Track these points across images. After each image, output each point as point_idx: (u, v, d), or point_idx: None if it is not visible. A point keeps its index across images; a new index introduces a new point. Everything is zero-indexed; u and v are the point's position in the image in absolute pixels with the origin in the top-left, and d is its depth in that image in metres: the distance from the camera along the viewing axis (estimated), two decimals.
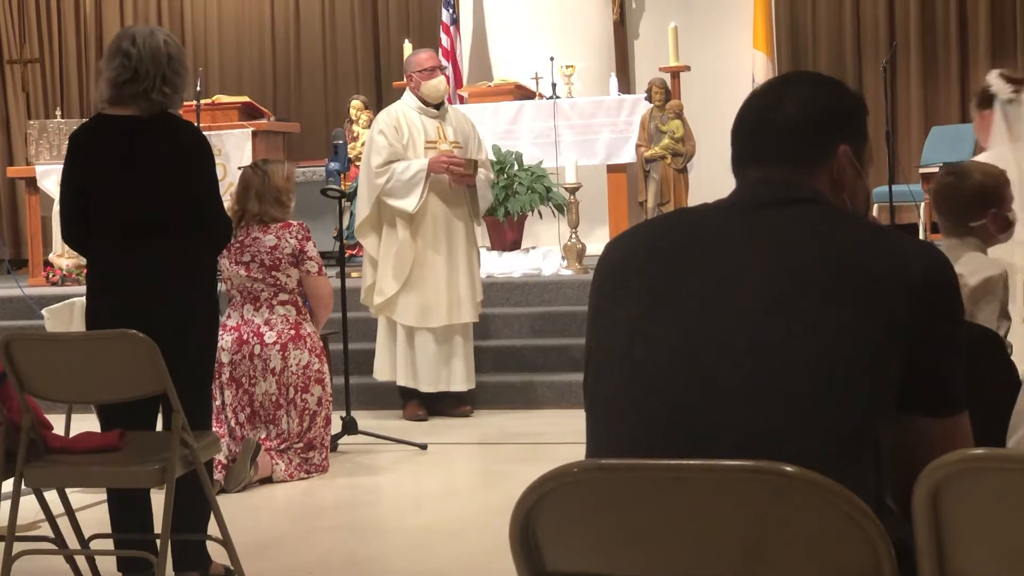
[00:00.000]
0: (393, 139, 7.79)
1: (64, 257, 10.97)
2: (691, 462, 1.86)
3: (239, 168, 7.12)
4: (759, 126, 2.28)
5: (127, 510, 4.68)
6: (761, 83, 2.43)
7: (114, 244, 4.63)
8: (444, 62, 8.30)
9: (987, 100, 6.19)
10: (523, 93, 11.05)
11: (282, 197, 6.58)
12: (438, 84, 7.93)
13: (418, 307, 7.82)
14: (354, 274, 9.42)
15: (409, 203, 7.73)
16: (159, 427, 4.73)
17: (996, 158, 5.78)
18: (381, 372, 8.04)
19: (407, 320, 7.84)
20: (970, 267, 4.05)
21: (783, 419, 1.98)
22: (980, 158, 6.09)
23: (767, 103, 2.29)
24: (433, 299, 7.81)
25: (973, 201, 4.22)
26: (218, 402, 6.42)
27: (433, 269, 7.82)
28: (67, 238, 4.78)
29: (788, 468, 1.80)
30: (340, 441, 7.15)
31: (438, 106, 7.95)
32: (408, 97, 8.00)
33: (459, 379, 7.97)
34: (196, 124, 9.67)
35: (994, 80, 6.18)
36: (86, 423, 5.00)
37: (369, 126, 10.72)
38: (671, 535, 1.88)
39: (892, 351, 2.03)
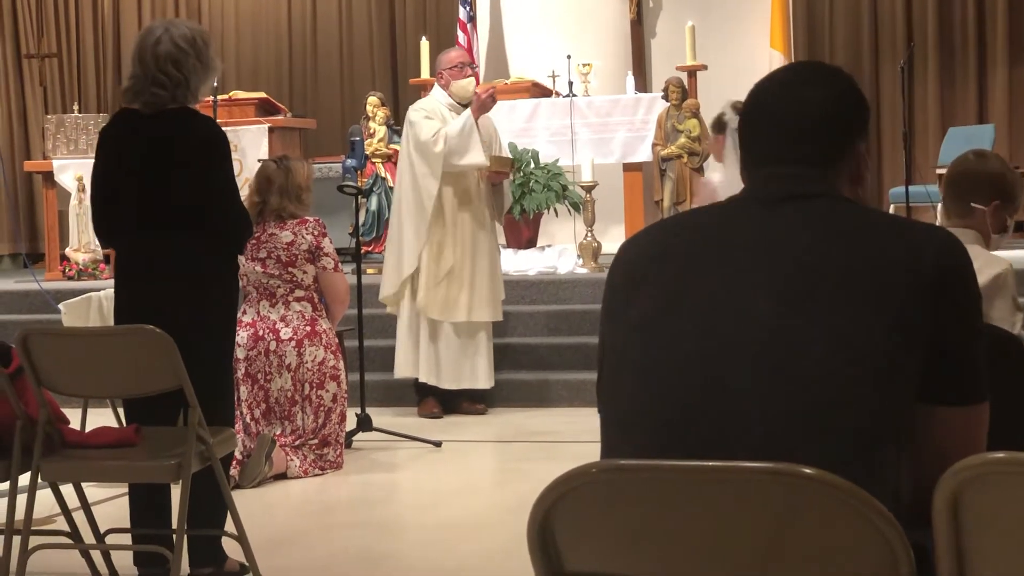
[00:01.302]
0: (439, 121, 7.78)
1: (80, 252, 10.99)
2: (710, 464, 1.86)
3: (259, 161, 7.11)
4: (779, 127, 2.25)
5: (147, 505, 4.69)
6: (768, 79, 2.37)
7: (129, 239, 4.67)
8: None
9: (721, 127, 7.13)
10: (540, 91, 11.05)
11: (303, 196, 6.61)
12: (468, 84, 7.92)
13: (443, 301, 7.82)
14: (369, 270, 9.44)
15: (477, 156, 7.68)
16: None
17: (727, 177, 6.84)
18: (404, 368, 8.01)
19: (432, 313, 7.82)
20: (977, 264, 4.05)
21: (798, 421, 1.98)
22: (713, 176, 7.09)
23: (786, 104, 2.26)
24: (456, 295, 7.82)
25: (986, 183, 4.22)
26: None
27: (459, 265, 7.82)
28: (95, 231, 4.83)
29: (807, 470, 1.79)
30: (355, 438, 7.16)
31: (467, 105, 7.95)
32: (439, 94, 7.99)
33: (481, 377, 7.97)
34: (214, 118, 9.69)
35: (728, 110, 7.05)
36: (102, 418, 5.02)
37: (385, 123, 10.77)
38: (689, 536, 1.88)
39: (909, 346, 2.01)
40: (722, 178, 7.06)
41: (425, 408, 8.03)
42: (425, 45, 11.11)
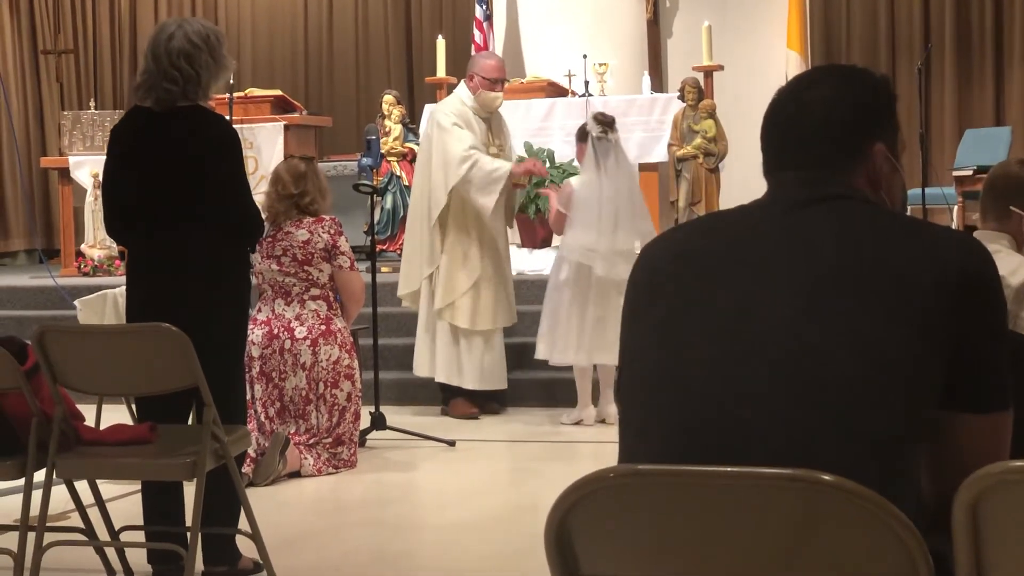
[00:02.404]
0: (469, 131, 7.76)
1: (96, 248, 11.01)
2: (728, 469, 1.85)
3: (289, 157, 7.12)
4: (788, 133, 2.25)
5: (160, 503, 4.70)
6: (786, 83, 2.37)
7: (141, 237, 4.68)
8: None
9: (584, 136, 7.74)
10: (555, 90, 11.04)
11: (328, 195, 6.66)
12: (495, 99, 7.87)
13: (471, 311, 7.79)
14: (384, 269, 9.44)
15: (488, 201, 7.64)
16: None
17: (587, 181, 7.63)
18: (421, 367, 8.00)
19: (461, 322, 7.81)
20: (1010, 267, 4.05)
21: (819, 427, 1.97)
22: (574, 180, 7.76)
23: (795, 109, 2.25)
24: (486, 303, 7.80)
25: None
26: (248, 396, 6.44)
27: (488, 274, 7.81)
28: (107, 230, 4.85)
29: (825, 476, 1.79)
30: (368, 436, 7.16)
31: (490, 113, 7.93)
32: (465, 95, 7.90)
33: (501, 377, 7.96)
34: (228, 117, 9.70)
35: (589, 121, 7.72)
36: (117, 415, 5.02)
37: (401, 121, 10.76)
38: (706, 542, 1.87)
39: (932, 352, 2.00)
40: (579, 183, 7.68)
41: (460, 409, 7.96)
42: (441, 43, 11.11)
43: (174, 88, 4.60)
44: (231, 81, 10.22)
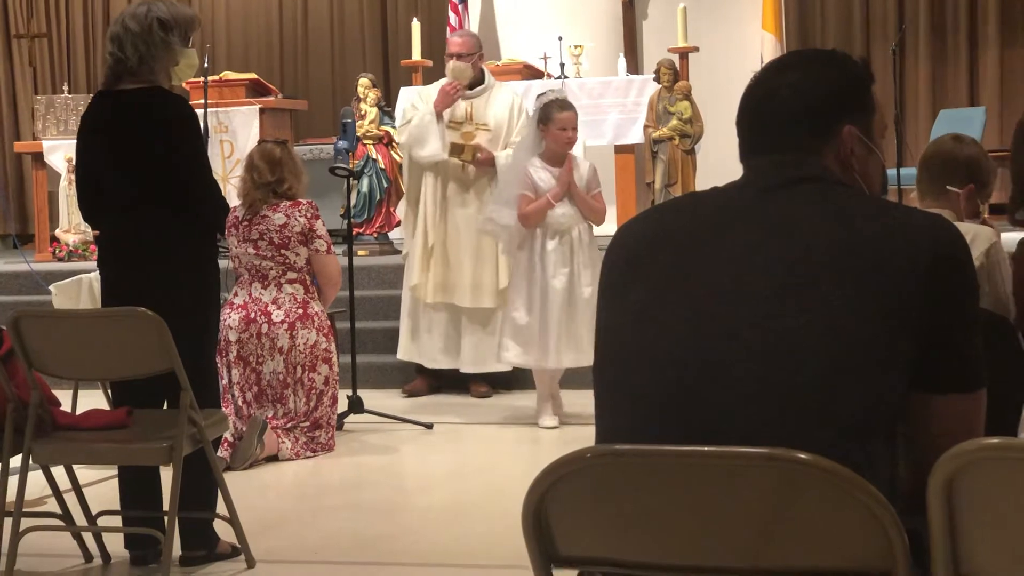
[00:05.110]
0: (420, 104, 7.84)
1: (71, 233, 10.97)
2: (704, 448, 1.86)
3: (262, 141, 7.08)
4: (759, 119, 2.26)
5: (137, 487, 4.69)
6: (760, 69, 2.39)
7: (110, 221, 4.67)
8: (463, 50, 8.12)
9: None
10: (531, 73, 11.02)
11: (304, 178, 6.64)
12: (452, 69, 7.87)
13: (435, 285, 7.81)
14: (361, 252, 9.43)
15: (433, 148, 7.65)
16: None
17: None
18: (405, 352, 8.02)
19: (428, 297, 7.84)
20: (967, 238, 4.06)
21: (793, 406, 1.98)
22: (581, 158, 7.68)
23: (764, 92, 2.27)
24: (455, 280, 7.80)
25: (962, 167, 4.24)
26: (225, 380, 6.43)
27: (455, 251, 7.80)
28: (82, 215, 4.84)
29: (802, 455, 1.80)
30: (346, 420, 7.15)
31: (472, 86, 7.91)
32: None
33: (467, 360, 7.92)
34: (204, 100, 9.66)
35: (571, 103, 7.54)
36: (93, 400, 5.02)
37: (376, 104, 10.74)
38: (683, 521, 1.88)
39: (905, 333, 2.01)
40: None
41: (413, 385, 8.03)
42: (416, 26, 11.08)
43: (109, 72, 4.63)
44: (206, 65, 10.18)
